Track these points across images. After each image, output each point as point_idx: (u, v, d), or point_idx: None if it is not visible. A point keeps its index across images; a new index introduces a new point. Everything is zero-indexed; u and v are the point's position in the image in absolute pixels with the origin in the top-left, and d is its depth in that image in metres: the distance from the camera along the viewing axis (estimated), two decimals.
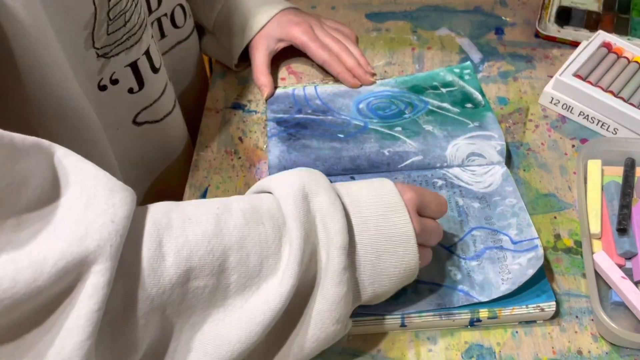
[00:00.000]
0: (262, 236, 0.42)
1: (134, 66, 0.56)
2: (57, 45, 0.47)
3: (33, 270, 0.33)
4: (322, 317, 0.43)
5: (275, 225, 0.43)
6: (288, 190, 0.44)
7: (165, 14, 0.64)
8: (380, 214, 0.45)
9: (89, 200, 0.37)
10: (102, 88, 0.55)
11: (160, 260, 0.38)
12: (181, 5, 0.66)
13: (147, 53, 0.57)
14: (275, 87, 0.71)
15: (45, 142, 0.38)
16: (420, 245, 0.47)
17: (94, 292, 0.35)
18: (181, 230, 0.40)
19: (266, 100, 0.69)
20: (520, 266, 0.53)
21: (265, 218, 0.43)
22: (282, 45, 0.71)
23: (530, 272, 0.52)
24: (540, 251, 0.54)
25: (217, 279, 0.40)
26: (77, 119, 0.52)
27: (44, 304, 0.34)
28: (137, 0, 0.53)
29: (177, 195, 0.63)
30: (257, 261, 0.42)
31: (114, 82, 0.55)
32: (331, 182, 0.60)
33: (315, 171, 0.47)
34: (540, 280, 0.53)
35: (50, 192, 0.36)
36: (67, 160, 0.38)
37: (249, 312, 0.41)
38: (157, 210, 0.41)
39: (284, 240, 0.43)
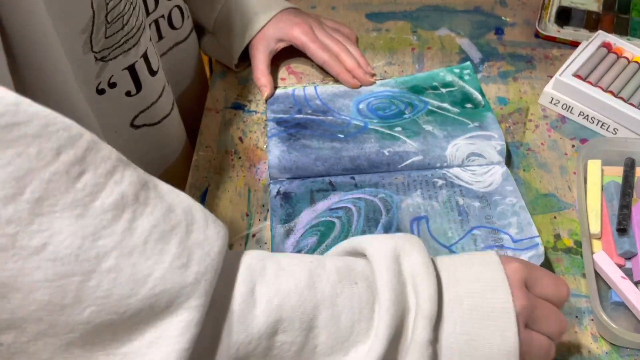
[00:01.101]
0: (355, 297, 0.39)
1: (131, 69, 0.56)
2: (59, 49, 0.46)
3: (131, 287, 0.31)
4: None
5: (369, 288, 0.40)
6: (380, 250, 0.40)
7: (163, 16, 0.64)
8: (478, 290, 0.40)
9: (188, 227, 0.35)
10: (100, 92, 0.55)
11: (251, 306, 0.36)
12: (179, 7, 0.66)
13: (144, 56, 0.57)
14: (275, 87, 0.71)
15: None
16: (531, 329, 0.41)
17: (186, 329, 0.32)
18: (275, 278, 0.38)
19: (266, 100, 0.69)
20: None
21: (359, 278, 0.40)
22: (282, 45, 0.71)
23: None
24: (541, 249, 0.54)
25: (305, 336, 0.37)
26: (77, 123, 0.51)
27: (124, 329, 0.32)
28: (135, 3, 0.53)
29: None
30: (349, 323, 0.38)
31: (112, 85, 0.55)
32: (332, 183, 0.61)
33: (411, 235, 0.43)
34: None
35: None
36: (162, 186, 0.36)
37: None
38: (252, 256, 0.39)
39: (376, 305, 0.39)
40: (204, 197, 0.62)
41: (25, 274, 0.29)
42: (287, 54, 0.74)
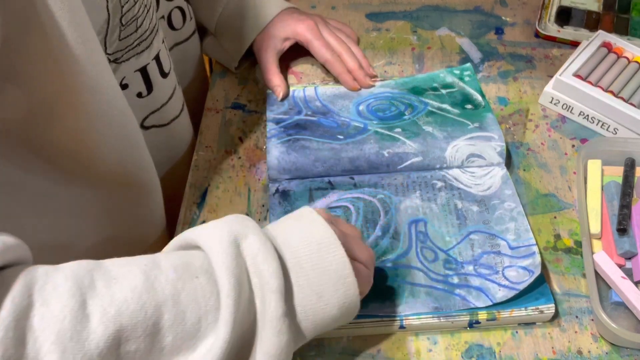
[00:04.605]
0: (198, 291, 0.38)
1: (143, 71, 0.56)
2: (98, 48, 0.46)
3: None
4: None
5: (211, 279, 0.39)
6: (213, 238, 0.40)
7: (163, 16, 0.64)
8: (314, 251, 0.42)
9: None
10: None
11: (84, 321, 0.34)
12: (180, 8, 0.66)
13: (157, 58, 0.57)
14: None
15: None
16: (352, 259, 0.45)
17: None
18: (106, 289, 0.36)
19: (282, 100, 0.69)
20: (518, 273, 0.53)
21: (199, 272, 0.39)
22: (288, 44, 0.71)
23: (528, 280, 0.52)
24: (538, 259, 0.53)
25: (150, 342, 0.36)
26: (119, 119, 0.51)
27: None
28: (149, 5, 0.54)
29: (179, 196, 0.63)
30: (195, 319, 0.38)
31: (124, 86, 0.55)
32: (331, 182, 0.61)
33: (243, 215, 0.44)
34: (539, 283, 0.53)
35: None
36: None
37: None
38: (79, 268, 0.37)
39: (221, 294, 0.39)
40: (204, 197, 0.62)
41: None
42: (287, 54, 0.73)
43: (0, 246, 0.34)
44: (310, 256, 0.42)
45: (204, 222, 0.59)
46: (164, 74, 0.59)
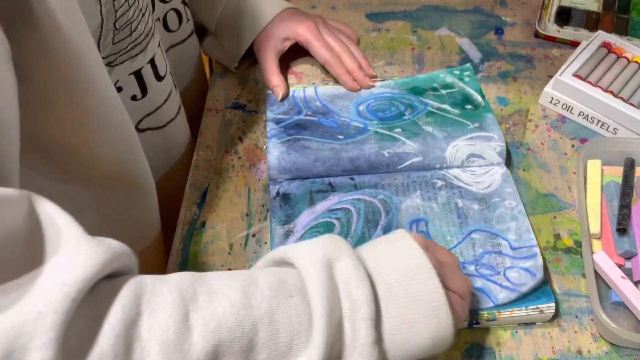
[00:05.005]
0: (292, 310, 0.39)
1: (137, 74, 0.56)
2: (94, 47, 0.46)
3: None
4: None
5: (305, 300, 0.39)
6: (307, 258, 0.40)
7: (158, 18, 0.64)
8: (407, 278, 0.41)
9: (48, 258, 0.33)
10: None
11: (187, 333, 0.35)
12: (176, 10, 0.66)
13: (152, 61, 0.57)
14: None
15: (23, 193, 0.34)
16: (447, 288, 0.43)
17: None
18: (207, 303, 0.37)
19: (281, 100, 0.69)
20: (519, 274, 0.53)
21: (293, 291, 0.40)
22: (288, 44, 0.71)
23: (530, 282, 0.52)
24: (540, 261, 0.53)
25: (245, 357, 0.37)
26: (116, 120, 0.51)
27: None
28: (144, 10, 0.53)
29: (175, 199, 0.63)
30: (288, 338, 0.38)
31: (118, 89, 0.55)
32: (331, 183, 0.61)
33: (337, 236, 0.44)
34: (540, 282, 0.53)
35: (28, 250, 0.32)
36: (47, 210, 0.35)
37: None
38: (182, 280, 0.38)
39: (313, 315, 0.39)
40: (204, 197, 0.62)
41: None
42: (287, 54, 0.73)
43: (110, 254, 0.34)
44: (402, 284, 0.41)
45: (204, 222, 0.60)
46: (159, 77, 0.59)
